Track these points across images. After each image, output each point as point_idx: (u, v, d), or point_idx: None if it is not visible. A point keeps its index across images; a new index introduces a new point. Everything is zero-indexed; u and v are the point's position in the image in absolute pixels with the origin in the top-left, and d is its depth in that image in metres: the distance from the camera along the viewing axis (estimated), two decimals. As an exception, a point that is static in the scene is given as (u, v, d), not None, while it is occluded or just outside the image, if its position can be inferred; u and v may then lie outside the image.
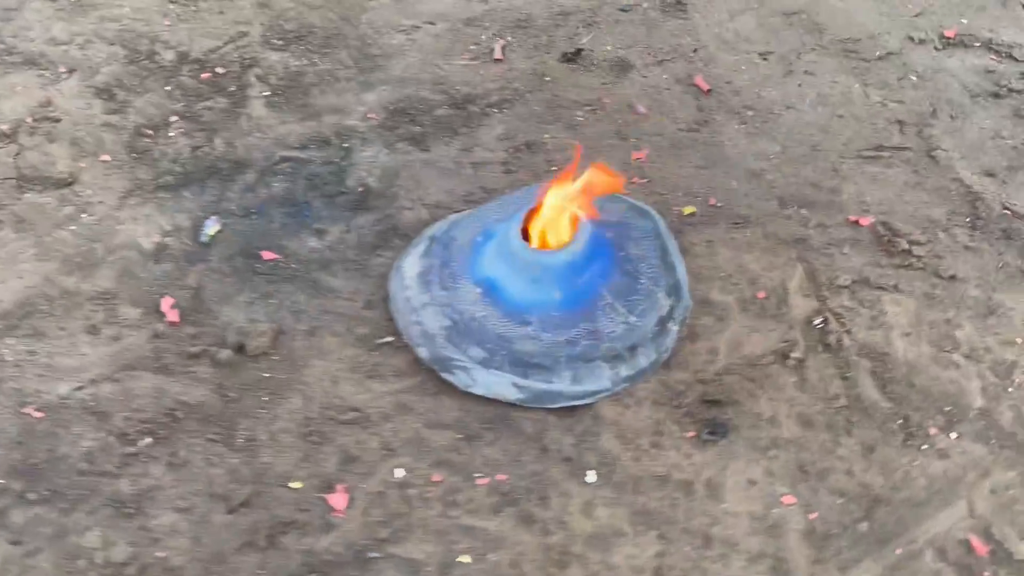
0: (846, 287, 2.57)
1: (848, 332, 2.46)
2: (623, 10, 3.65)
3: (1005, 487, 2.15)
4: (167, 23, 3.54)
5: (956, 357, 2.40)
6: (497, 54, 3.41)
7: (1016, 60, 3.34)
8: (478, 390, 2.29)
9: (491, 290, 2.39)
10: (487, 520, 2.08)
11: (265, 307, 2.52)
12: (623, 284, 2.41)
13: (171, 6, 3.65)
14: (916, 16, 3.58)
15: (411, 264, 2.53)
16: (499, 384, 2.28)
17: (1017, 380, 2.35)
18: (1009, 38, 3.44)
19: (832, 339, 2.43)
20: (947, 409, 2.29)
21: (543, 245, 2.41)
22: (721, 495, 2.13)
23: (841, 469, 2.18)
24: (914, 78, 3.29)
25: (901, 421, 2.26)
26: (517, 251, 2.36)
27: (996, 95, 3.20)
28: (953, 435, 2.24)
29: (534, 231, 2.42)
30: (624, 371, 2.33)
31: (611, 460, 2.19)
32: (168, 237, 2.71)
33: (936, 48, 3.42)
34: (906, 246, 2.67)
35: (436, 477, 2.15)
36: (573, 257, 2.35)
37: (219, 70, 3.33)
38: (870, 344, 2.43)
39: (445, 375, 2.32)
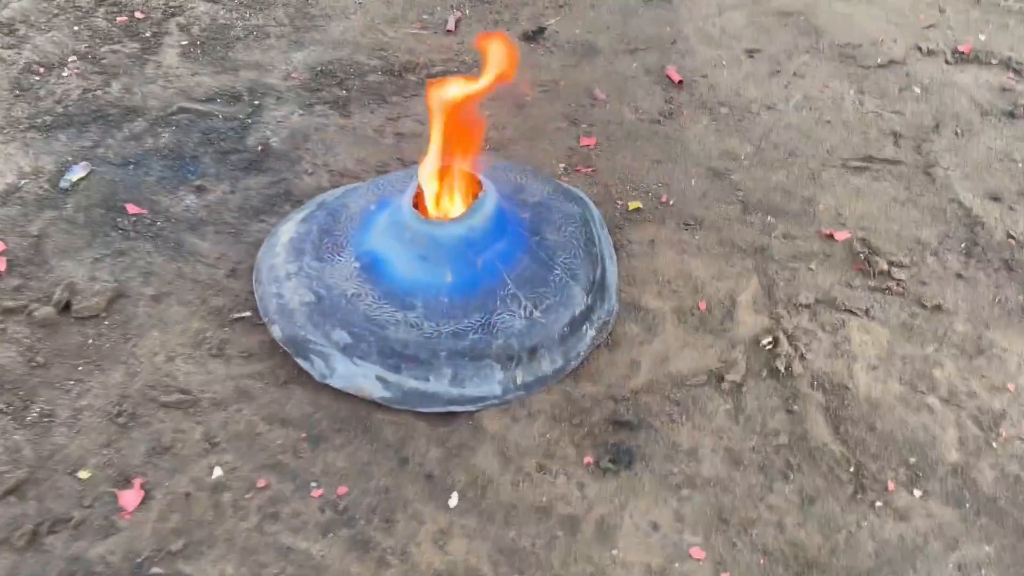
0: (807, 306, 2.13)
1: (802, 358, 2.01)
2: (601, -4, 3.28)
3: (976, 564, 1.69)
4: (97, -35, 3.21)
5: (931, 400, 1.95)
6: (450, 25, 3.04)
7: (1037, 81, 2.92)
8: (336, 382, 1.87)
9: (372, 265, 1.97)
10: (311, 541, 1.64)
11: (113, 265, 2.12)
12: (532, 272, 1.99)
13: (107, -50, 3.32)
14: (927, 28, 3.18)
15: (287, 230, 2.13)
16: (361, 377, 1.86)
17: (1005, 434, 1.89)
18: (1031, 58, 3.02)
19: (781, 364, 1.99)
20: (912, 461, 1.83)
21: (439, 215, 2.00)
22: (613, 538, 1.68)
23: (770, 521, 1.72)
24: (917, 90, 2.87)
25: (853, 469, 1.81)
26: (405, 219, 1.95)
27: (1011, 114, 2.77)
28: (917, 492, 1.78)
29: (431, 198, 2.02)
30: (520, 376, 1.90)
31: (484, 482, 1.75)
32: (24, 179, 2.33)
33: (947, 61, 3.01)
34: (885, 267, 2.24)
35: (261, 482, 1.72)
36: (471, 231, 1.93)
37: (138, 15, 2.98)
38: (827, 374, 1.98)
39: (300, 360, 1.90)
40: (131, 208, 2.27)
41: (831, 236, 2.33)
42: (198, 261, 2.15)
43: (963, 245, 2.33)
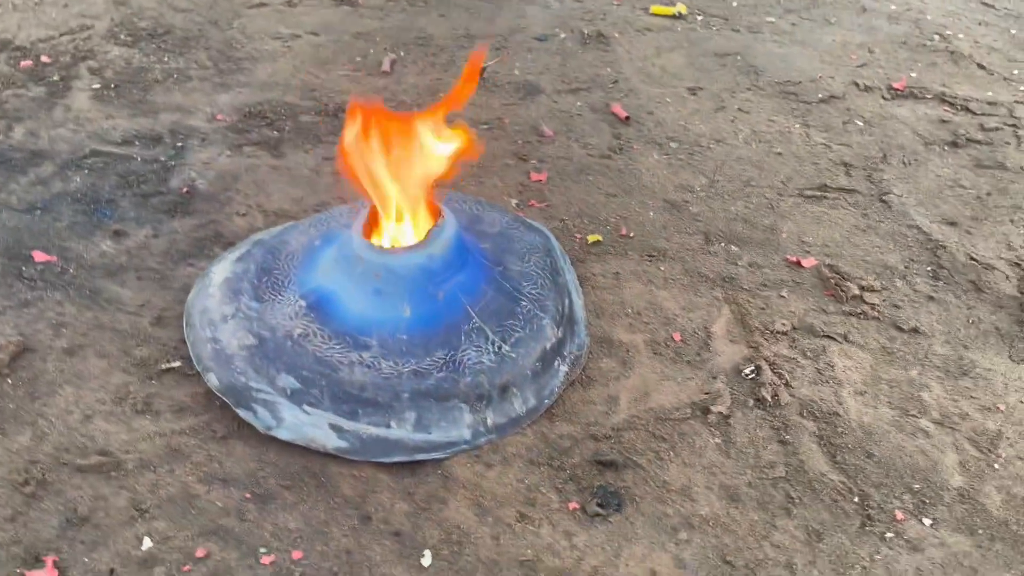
0: (784, 333, 2.02)
1: (787, 385, 1.89)
2: (539, 39, 3.22)
3: (1000, 595, 1.55)
4: (-1, 11, 3.00)
5: (924, 423, 1.84)
6: (385, 67, 2.91)
7: (973, 113, 2.96)
8: (283, 434, 1.64)
9: (320, 302, 1.77)
10: (263, 617, 1.40)
11: (17, 318, 1.86)
12: (497, 304, 1.82)
13: (10, -3, 3.11)
14: (860, 66, 3.21)
15: (221, 270, 1.92)
16: (313, 426, 1.64)
17: (1004, 454, 1.79)
18: (964, 93, 3.07)
19: (767, 393, 1.85)
20: (916, 487, 1.71)
21: (393, 244, 1.83)
22: (610, 592, 1.49)
23: (778, 561, 1.56)
24: (860, 123, 2.87)
25: (857, 500, 1.67)
26: (357, 251, 1.76)
27: (954, 144, 2.78)
28: (927, 521, 1.65)
29: (385, 226, 1.85)
30: (491, 417, 1.71)
31: (459, 537, 1.54)
32: (-88, 228, 2.06)
33: (884, 97, 3.03)
34: (857, 292, 2.15)
35: (200, 551, 1.47)
36: (430, 260, 1.76)
37: (44, 59, 2.76)
38: (815, 402, 1.86)
39: (241, 411, 1.67)
40: (38, 256, 2.02)
41: (798, 263, 2.24)
42: (118, 310, 1.91)
43: (929, 268, 2.27)
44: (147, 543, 1.48)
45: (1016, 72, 3.24)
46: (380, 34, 3.12)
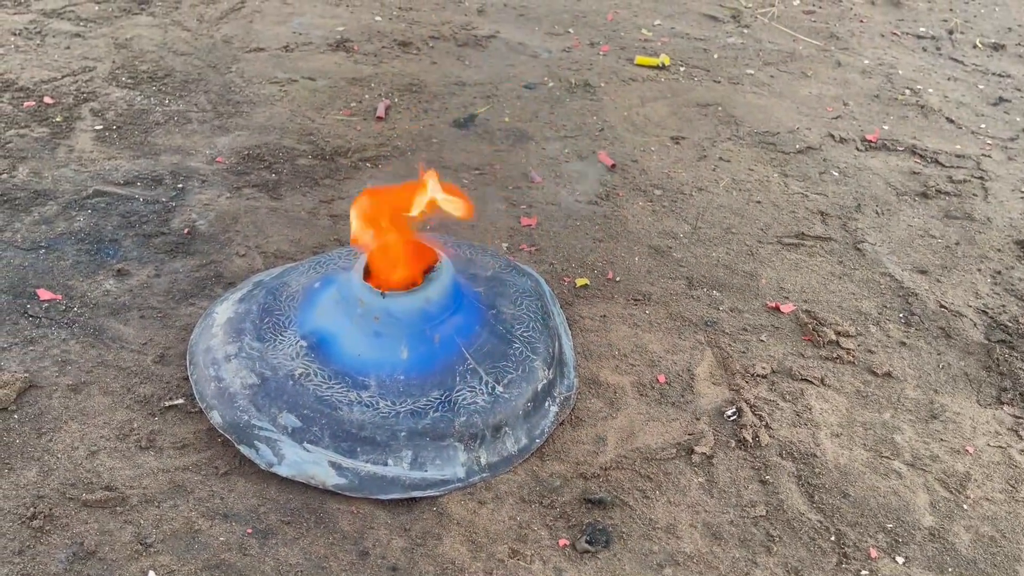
0: (764, 377, 2.11)
1: (767, 427, 1.97)
2: (527, 87, 3.33)
3: (969, 630, 1.63)
4: (0, 52, 3.07)
5: (897, 465, 1.93)
6: (380, 112, 3.01)
7: (943, 165, 3.09)
8: (284, 470, 1.70)
9: (321, 343, 1.84)
10: (265, 649, 1.45)
11: (23, 355, 1.91)
12: (491, 346, 1.90)
13: (12, 38, 3.19)
14: (835, 118, 3.35)
15: (224, 310, 1.98)
16: (313, 463, 1.70)
17: (972, 495, 1.87)
18: (934, 145, 3.21)
19: (748, 434, 1.93)
20: (889, 526, 1.79)
21: (391, 287, 1.90)
22: (599, 626, 1.55)
23: (759, 597, 1.63)
24: (836, 173, 2.99)
25: (834, 538, 1.75)
26: (356, 293, 1.84)
27: (924, 195, 2.91)
28: (899, 559, 1.72)
29: (382, 271, 1.92)
30: (484, 456, 1.78)
31: (454, 572, 1.60)
32: (-81, 265, 2.11)
33: (858, 148, 3.16)
34: (833, 337, 2.25)
35: (203, 585, 1.52)
36: (427, 304, 1.83)
37: (47, 100, 2.83)
38: (794, 443, 1.94)
39: (243, 448, 1.73)
40: (43, 294, 2.08)
41: (777, 309, 2.34)
42: (122, 347, 1.96)
43: (901, 315, 2.37)
44: (152, 577, 1.52)
45: (983, 126, 3.39)
46: (375, 80, 3.23)
